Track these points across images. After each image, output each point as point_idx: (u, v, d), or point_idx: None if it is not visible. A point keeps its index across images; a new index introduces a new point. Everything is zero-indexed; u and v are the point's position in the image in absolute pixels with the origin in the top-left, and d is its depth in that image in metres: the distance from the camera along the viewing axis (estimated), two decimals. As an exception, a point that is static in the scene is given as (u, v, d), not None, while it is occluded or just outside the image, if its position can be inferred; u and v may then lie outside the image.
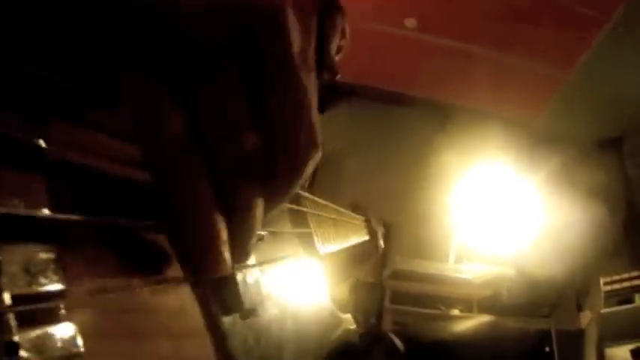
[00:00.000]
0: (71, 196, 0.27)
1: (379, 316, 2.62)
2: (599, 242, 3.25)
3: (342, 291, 2.67)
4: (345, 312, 0.82)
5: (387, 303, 2.70)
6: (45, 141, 0.25)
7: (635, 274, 2.76)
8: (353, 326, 0.85)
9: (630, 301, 2.69)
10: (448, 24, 2.94)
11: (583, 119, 3.44)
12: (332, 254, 0.84)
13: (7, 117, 0.24)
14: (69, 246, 0.25)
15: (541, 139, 3.47)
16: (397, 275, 2.81)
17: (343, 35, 0.87)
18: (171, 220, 0.29)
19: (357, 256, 1.21)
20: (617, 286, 2.78)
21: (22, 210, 0.23)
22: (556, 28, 2.82)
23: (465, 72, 3.20)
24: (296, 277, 0.64)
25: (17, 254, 0.22)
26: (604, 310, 2.73)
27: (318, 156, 0.34)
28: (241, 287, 0.40)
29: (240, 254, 0.33)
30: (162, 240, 0.34)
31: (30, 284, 0.22)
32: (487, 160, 3.23)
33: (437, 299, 2.81)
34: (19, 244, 0.22)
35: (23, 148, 0.24)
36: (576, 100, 3.27)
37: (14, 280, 0.21)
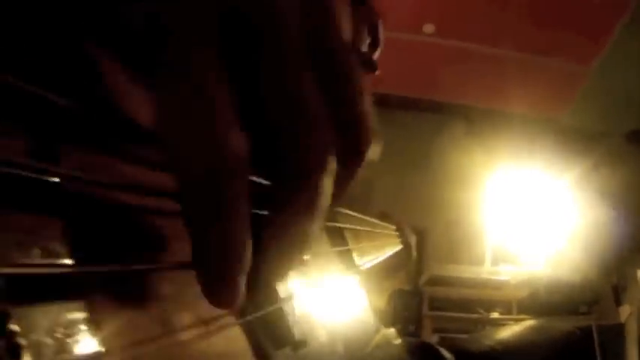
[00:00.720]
0: (93, 238, 0.23)
1: (418, 323, 2.61)
2: (635, 234, 3.20)
3: (379, 301, 2.67)
4: (384, 322, 0.80)
5: (425, 310, 2.69)
6: (58, 175, 0.21)
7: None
8: (398, 341, 0.83)
9: (669, 291, 2.65)
10: (466, 27, 2.94)
11: (608, 112, 3.40)
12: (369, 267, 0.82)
13: (13, 147, 0.20)
14: (99, 299, 0.21)
15: (568, 135, 3.44)
16: (434, 281, 2.81)
17: (375, 31, 0.83)
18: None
19: (391, 265, 1.19)
20: (654, 277, 2.74)
21: (42, 265, 0.19)
22: (576, 23, 2.80)
23: (486, 74, 3.19)
24: (340, 297, 0.62)
25: (40, 318, 0.17)
26: (643, 303, 2.69)
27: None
28: (291, 318, 0.38)
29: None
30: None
31: (59, 352, 0.18)
32: (515, 161, 3.21)
33: (475, 303, 2.79)
34: (40, 304, 0.18)
35: (34, 185, 0.20)
36: (600, 94, 3.24)
37: (39, 351, 0.17)
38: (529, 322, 1.39)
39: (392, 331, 0.79)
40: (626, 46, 2.88)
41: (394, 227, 1.19)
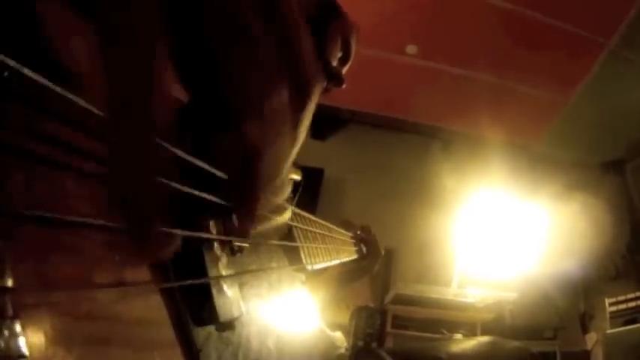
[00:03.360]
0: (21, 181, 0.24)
1: (380, 340, 2.60)
2: (603, 263, 3.23)
3: (342, 315, 2.66)
4: (344, 335, 0.79)
5: (388, 328, 2.68)
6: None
7: (640, 294, 2.73)
8: (344, 344, 0.83)
9: (636, 321, 2.65)
10: (449, 50, 2.95)
11: (584, 142, 3.44)
12: (322, 272, 0.81)
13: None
14: (14, 239, 0.22)
15: (542, 162, 3.47)
16: (399, 300, 2.79)
17: (347, 46, 0.86)
18: None
19: (349, 273, 1.18)
20: (622, 306, 2.74)
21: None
22: (556, 52, 2.82)
23: (465, 98, 3.20)
24: (281, 292, 0.61)
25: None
26: (609, 331, 2.69)
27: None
28: (217, 298, 0.38)
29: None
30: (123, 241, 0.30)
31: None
32: (488, 185, 3.21)
33: (439, 323, 2.78)
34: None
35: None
36: (577, 124, 3.26)
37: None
38: (484, 338, 1.40)
39: (338, 334, 0.79)
40: (605, 78, 2.92)
41: (351, 235, 1.19)
